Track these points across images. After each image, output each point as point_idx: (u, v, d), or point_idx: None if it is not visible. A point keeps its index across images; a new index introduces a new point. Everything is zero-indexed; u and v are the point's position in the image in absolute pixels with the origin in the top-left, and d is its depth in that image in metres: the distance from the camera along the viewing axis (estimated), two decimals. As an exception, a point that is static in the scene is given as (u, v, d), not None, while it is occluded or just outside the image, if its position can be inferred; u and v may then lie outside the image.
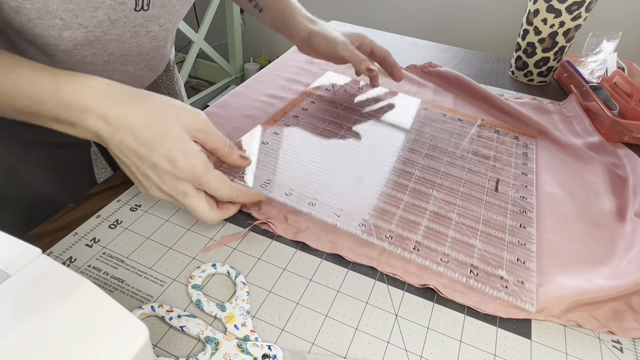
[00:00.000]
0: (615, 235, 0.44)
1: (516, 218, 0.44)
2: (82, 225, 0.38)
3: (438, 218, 0.43)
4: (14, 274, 0.20)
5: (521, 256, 0.39)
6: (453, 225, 0.42)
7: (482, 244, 0.40)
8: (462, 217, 0.43)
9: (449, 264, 0.38)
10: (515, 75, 0.77)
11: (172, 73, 0.63)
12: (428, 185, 0.47)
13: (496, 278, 0.37)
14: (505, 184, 0.49)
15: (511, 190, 0.48)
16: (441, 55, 0.83)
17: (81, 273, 0.34)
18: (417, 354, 0.31)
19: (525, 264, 0.39)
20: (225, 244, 0.38)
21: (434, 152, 0.53)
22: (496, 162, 0.53)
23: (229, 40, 2.13)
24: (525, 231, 0.43)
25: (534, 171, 0.52)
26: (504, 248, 0.40)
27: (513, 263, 0.39)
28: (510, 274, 0.37)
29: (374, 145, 0.53)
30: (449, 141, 0.56)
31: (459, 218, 0.43)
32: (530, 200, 0.47)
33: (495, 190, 0.47)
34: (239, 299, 0.33)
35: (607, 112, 0.59)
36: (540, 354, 0.32)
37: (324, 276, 0.36)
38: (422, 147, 0.54)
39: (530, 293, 0.36)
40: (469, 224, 0.42)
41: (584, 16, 0.66)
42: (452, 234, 0.41)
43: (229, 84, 2.23)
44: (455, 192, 0.46)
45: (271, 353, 0.29)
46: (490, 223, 0.43)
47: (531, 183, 0.50)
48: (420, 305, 0.34)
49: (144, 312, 0.31)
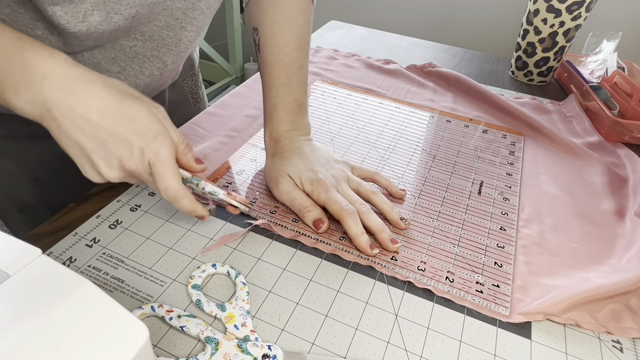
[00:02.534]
0: (614, 235, 0.44)
1: (497, 220, 0.44)
2: (82, 225, 0.38)
3: (419, 225, 0.42)
4: (14, 274, 0.20)
5: (499, 259, 0.39)
6: (432, 231, 0.42)
7: (460, 249, 0.40)
8: (442, 223, 0.43)
9: (425, 272, 0.37)
10: (515, 75, 0.77)
11: (197, 77, 0.63)
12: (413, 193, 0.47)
13: (472, 283, 0.37)
14: (489, 186, 0.49)
15: (494, 192, 0.48)
16: (441, 55, 0.83)
17: (81, 273, 0.34)
18: (417, 354, 0.31)
19: (502, 267, 0.39)
20: (224, 244, 0.38)
21: (421, 155, 0.53)
22: (482, 162, 0.53)
23: (229, 40, 2.13)
24: (505, 234, 0.42)
25: (519, 171, 0.52)
26: (482, 253, 0.40)
27: (490, 266, 0.38)
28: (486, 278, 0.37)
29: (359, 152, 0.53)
30: (437, 143, 0.56)
31: (439, 224, 0.43)
32: (513, 202, 0.47)
33: (478, 194, 0.47)
34: (239, 299, 0.33)
35: (607, 112, 0.59)
36: (540, 354, 0.32)
37: (324, 276, 0.36)
38: (408, 151, 0.54)
39: (505, 296, 0.36)
40: (449, 230, 0.42)
41: (584, 16, 0.66)
42: (431, 241, 0.41)
43: (229, 84, 2.23)
44: (438, 198, 0.46)
45: (271, 353, 0.29)
46: (471, 227, 0.43)
47: (515, 184, 0.49)
48: (420, 305, 0.34)
49: (144, 312, 0.31)
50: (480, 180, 0.49)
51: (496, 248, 0.40)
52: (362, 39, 0.87)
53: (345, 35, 0.88)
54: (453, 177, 0.49)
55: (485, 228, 0.43)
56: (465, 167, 0.52)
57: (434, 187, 0.48)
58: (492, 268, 0.38)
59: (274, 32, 0.45)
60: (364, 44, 0.85)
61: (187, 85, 0.61)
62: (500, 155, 0.54)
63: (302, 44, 0.46)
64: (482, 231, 0.42)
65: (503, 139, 0.58)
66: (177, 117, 0.57)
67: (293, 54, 0.46)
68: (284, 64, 0.45)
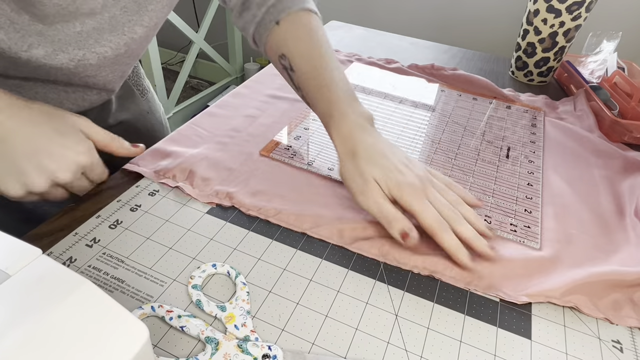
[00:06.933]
0: (618, 229, 0.44)
1: (524, 178, 0.51)
2: (82, 225, 0.38)
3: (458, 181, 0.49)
4: (14, 274, 0.20)
5: (528, 207, 0.46)
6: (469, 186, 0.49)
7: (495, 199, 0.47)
8: (477, 179, 0.50)
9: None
10: (515, 75, 0.77)
11: (138, 69, 0.62)
12: (449, 154, 0.54)
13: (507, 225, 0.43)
14: (515, 151, 0.55)
15: (521, 156, 0.55)
16: (441, 56, 0.83)
17: (81, 273, 0.34)
18: (417, 354, 0.31)
19: (531, 213, 0.45)
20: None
21: (453, 127, 0.60)
22: (506, 132, 0.60)
23: (229, 40, 2.13)
24: (532, 188, 0.49)
25: (541, 143, 0.58)
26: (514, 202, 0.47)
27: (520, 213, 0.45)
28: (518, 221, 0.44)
29: (401, 124, 0.59)
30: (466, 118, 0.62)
31: (475, 180, 0.49)
32: (537, 164, 0.53)
33: (506, 157, 0.54)
34: (239, 299, 0.33)
35: (607, 112, 0.59)
36: (540, 354, 0.32)
37: (324, 276, 0.36)
38: (441, 123, 0.60)
39: (535, 235, 0.42)
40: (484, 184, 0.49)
41: (584, 16, 0.66)
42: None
43: (229, 84, 2.23)
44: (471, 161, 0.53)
45: (271, 353, 0.29)
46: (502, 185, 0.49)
47: (539, 149, 0.56)
48: (420, 305, 0.34)
49: (144, 312, 0.31)
50: (507, 146, 0.56)
51: (525, 199, 0.47)
52: (362, 39, 0.87)
53: (345, 36, 0.88)
54: (483, 144, 0.56)
55: (515, 184, 0.49)
56: (494, 135, 0.59)
57: (467, 151, 0.55)
58: (523, 214, 0.45)
59: (302, 47, 0.47)
60: (364, 44, 0.85)
61: (130, 79, 0.60)
62: (521, 126, 0.61)
63: (328, 46, 0.48)
64: (512, 186, 0.49)
65: (525, 114, 0.64)
66: (129, 111, 0.59)
67: (325, 56, 0.47)
68: (323, 68, 0.46)
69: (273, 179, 0.46)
